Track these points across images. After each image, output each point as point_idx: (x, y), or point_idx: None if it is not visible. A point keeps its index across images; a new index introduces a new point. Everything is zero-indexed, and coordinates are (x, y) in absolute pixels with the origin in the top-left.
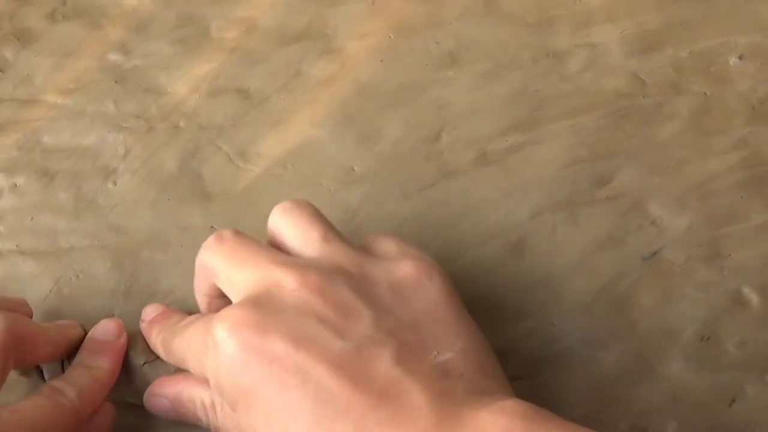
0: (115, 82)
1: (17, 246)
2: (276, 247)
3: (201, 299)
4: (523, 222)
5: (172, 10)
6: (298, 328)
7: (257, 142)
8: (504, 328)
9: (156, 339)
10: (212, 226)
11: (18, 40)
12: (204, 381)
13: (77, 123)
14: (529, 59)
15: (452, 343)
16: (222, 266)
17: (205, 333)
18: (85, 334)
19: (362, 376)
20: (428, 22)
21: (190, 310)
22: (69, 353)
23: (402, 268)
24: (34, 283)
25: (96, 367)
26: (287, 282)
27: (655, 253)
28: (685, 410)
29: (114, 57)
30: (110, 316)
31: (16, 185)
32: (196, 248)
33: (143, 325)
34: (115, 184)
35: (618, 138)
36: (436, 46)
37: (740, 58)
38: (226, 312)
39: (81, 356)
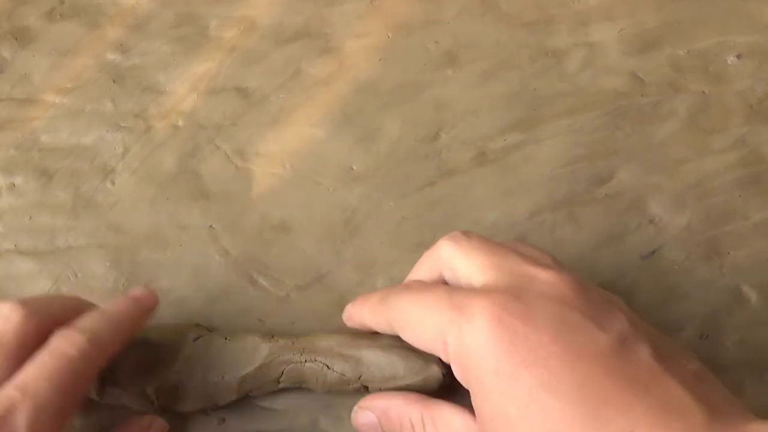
0: (114, 81)
1: (15, 245)
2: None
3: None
4: (522, 221)
5: (171, 9)
6: (562, 320)
7: (256, 142)
8: None
9: (362, 308)
10: (211, 226)
11: (16, 39)
12: (414, 400)
13: (75, 122)
14: (527, 58)
15: (692, 358)
16: (466, 256)
17: (460, 312)
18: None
19: (626, 368)
20: (427, 21)
21: (189, 309)
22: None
23: (613, 298)
24: (32, 282)
25: (115, 311)
26: (544, 277)
27: (654, 252)
28: None
29: (112, 56)
30: None
31: (14, 185)
32: (194, 247)
33: (346, 314)
34: (113, 183)
35: (617, 137)
36: (434, 45)
37: (738, 57)
38: (489, 297)
39: (105, 305)
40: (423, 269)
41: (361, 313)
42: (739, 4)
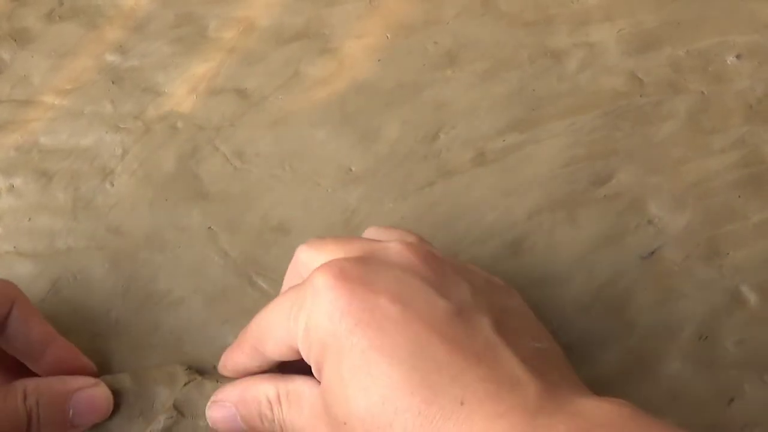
0: (113, 82)
1: (15, 247)
2: None
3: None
4: (522, 221)
5: (170, 9)
6: (402, 284)
7: (255, 142)
8: None
9: (230, 352)
10: (210, 227)
11: (15, 40)
12: (267, 378)
13: (75, 124)
14: (527, 59)
15: (543, 337)
16: (321, 250)
17: (300, 289)
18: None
19: (462, 336)
20: (426, 21)
21: (186, 310)
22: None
23: (493, 277)
24: (31, 284)
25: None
26: (391, 246)
27: (653, 252)
28: (683, 409)
29: (111, 57)
30: (108, 318)
31: (13, 186)
32: (194, 248)
33: (220, 365)
34: (112, 184)
35: (616, 137)
36: (433, 45)
37: (738, 57)
38: (329, 262)
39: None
40: (287, 283)
41: (232, 358)
42: (738, 3)
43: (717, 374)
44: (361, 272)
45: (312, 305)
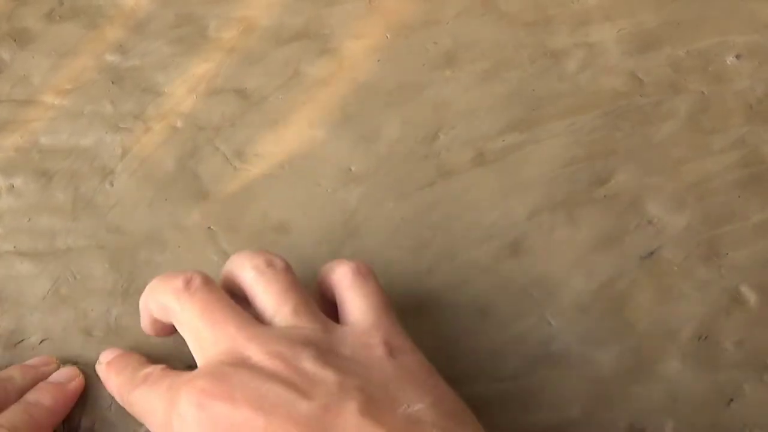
0: (113, 82)
1: (15, 247)
2: (242, 294)
3: (147, 321)
4: (521, 221)
5: (170, 9)
6: (264, 394)
7: (255, 143)
8: (501, 327)
9: (113, 384)
10: (210, 227)
11: (15, 40)
12: None
13: (75, 123)
14: (526, 59)
15: (422, 397)
16: (191, 319)
17: (171, 401)
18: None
19: (332, 428)
20: (426, 21)
21: None
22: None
23: (372, 342)
24: (31, 283)
25: (35, 403)
26: (253, 353)
27: (653, 253)
28: (683, 410)
29: (111, 57)
30: (108, 318)
31: (13, 186)
32: (193, 248)
33: (101, 368)
34: (112, 184)
35: (616, 137)
36: (433, 45)
37: (738, 57)
38: (192, 383)
39: (27, 394)
40: (147, 315)
41: (110, 386)
42: (738, 4)
43: (717, 374)
44: (222, 392)
45: (182, 426)
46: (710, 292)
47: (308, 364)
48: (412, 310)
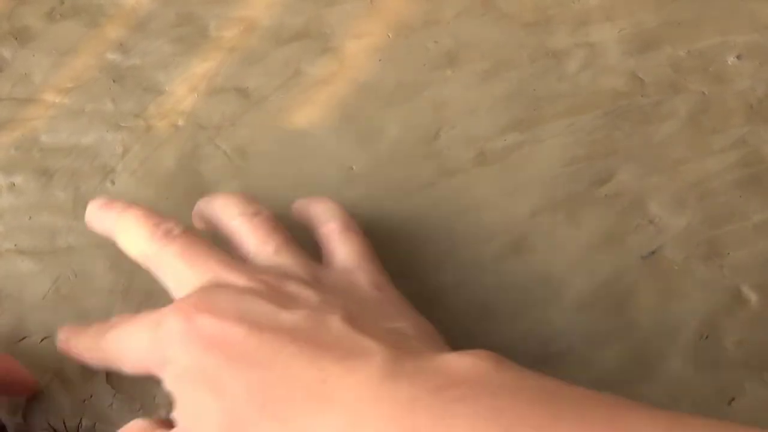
0: (114, 81)
1: (15, 245)
2: (226, 238)
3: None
4: (522, 221)
5: (171, 8)
6: (247, 308)
7: (256, 141)
8: (503, 327)
9: (77, 345)
10: None
11: (16, 39)
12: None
13: (76, 122)
14: (527, 59)
15: (404, 319)
16: (170, 262)
17: (156, 323)
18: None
19: (314, 333)
20: (426, 21)
21: None
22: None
23: (355, 278)
24: (32, 282)
25: None
26: (237, 280)
27: (654, 252)
28: (683, 409)
29: (112, 56)
30: (109, 317)
31: (14, 184)
32: None
33: (60, 344)
34: (113, 183)
35: (616, 137)
36: (434, 45)
37: (738, 57)
38: (178, 303)
39: None
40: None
41: (77, 349)
42: (739, 4)
43: (717, 374)
44: (207, 305)
45: (167, 342)
46: (711, 292)
47: (292, 286)
48: None
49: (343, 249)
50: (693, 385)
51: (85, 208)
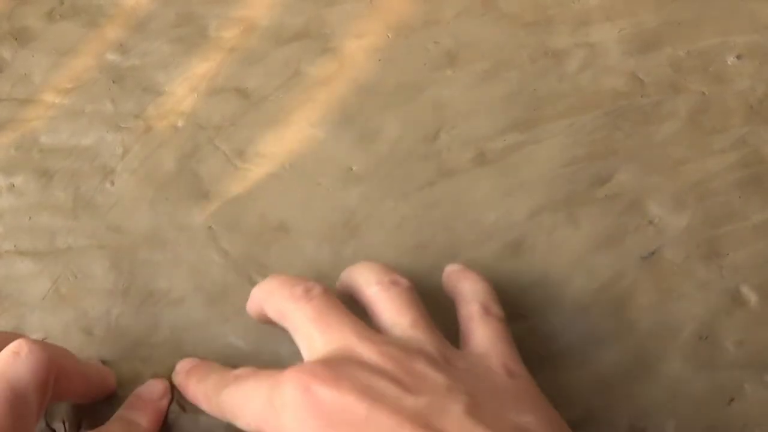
0: (113, 81)
1: (15, 246)
2: (364, 306)
3: (255, 313)
4: (522, 221)
5: (171, 9)
6: (370, 385)
7: (255, 142)
8: None
9: (196, 389)
10: (210, 226)
11: (16, 39)
12: None
13: (75, 123)
14: (527, 59)
15: (532, 411)
16: (304, 323)
17: (273, 388)
18: (114, 386)
19: (434, 423)
20: (426, 21)
21: (187, 309)
22: (96, 398)
23: (490, 363)
24: (32, 282)
25: (134, 422)
26: (366, 351)
27: (653, 253)
28: (684, 409)
29: (112, 56)
30: (109, 317)
31: (14, 185)
32: (194, 248)
33: (179, 377)
34: (113, 183)
35: (616, 137)
36: (434, 45)
37: (738, 57)
38: (298, 369)
39: (122, 410)
40: (257, 306)
41: (195, 393)
42: (739, 4)
43: (717, 374)
44: (328, 376)
45: (282, 410)
46: (711, 292)
47: (420, 365)
48: None
49: (479, 332)
50: (692, 385)
51: (85, 208)
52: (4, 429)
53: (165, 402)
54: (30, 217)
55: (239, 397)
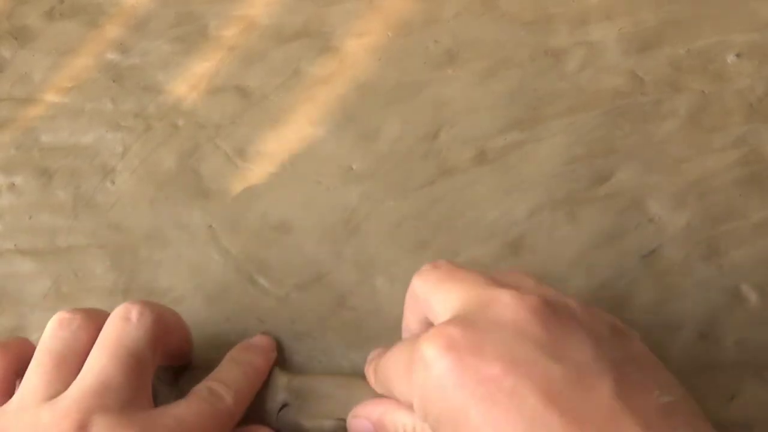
0: (113, 80)
1: (15, 245)
2: None
3: (407, 336)
4: (522, 220)
5: (171, 8)
6: (514, 349)
7: (256, 141)
8: None
9: (369, 368)
10: (211, 225)
11: (16, 38)
12: (408, 406)
13: (75, 122)
14: (527, 57)
15: (672, 388)
16: (435, 289)
17: (413, 352)
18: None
19: (579, 406)
20: (426, 20)
21: (187, 308)
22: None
23: (615, 321)
24: (32, 282)
25: (247, 362)
26: (504, 298)
27: (653, 251)
28: None
29: (112, 55)
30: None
31: (14, 184)
32: (194, 247)
33: (367, 365)
34: (113, 182)
35: (616, 136)
36: (434, 44)
37: (738, 56)
38: (437, 330)
39: (233, 352)
40: (409, 313)
41: (369, 374)
42: (738, 2)
43: (717, 373)
44: (470, 340)
45: (424, 379)
46: (711, 291)
47: (561, 318)
48: None
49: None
50: (692, 384)
51: (85, 207)
52: (130, 393)
53: (274, 354)
54: (30, 216)
55: (389, 364)
